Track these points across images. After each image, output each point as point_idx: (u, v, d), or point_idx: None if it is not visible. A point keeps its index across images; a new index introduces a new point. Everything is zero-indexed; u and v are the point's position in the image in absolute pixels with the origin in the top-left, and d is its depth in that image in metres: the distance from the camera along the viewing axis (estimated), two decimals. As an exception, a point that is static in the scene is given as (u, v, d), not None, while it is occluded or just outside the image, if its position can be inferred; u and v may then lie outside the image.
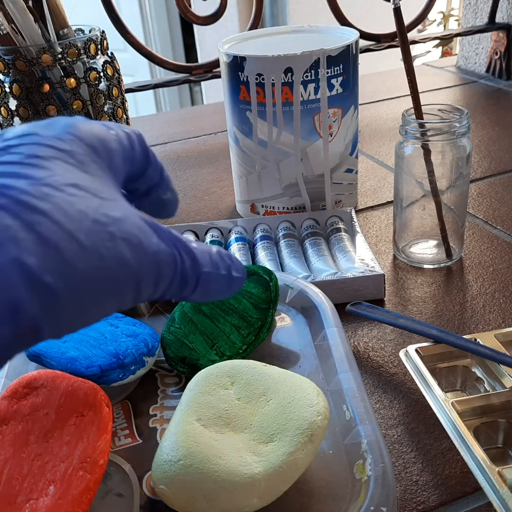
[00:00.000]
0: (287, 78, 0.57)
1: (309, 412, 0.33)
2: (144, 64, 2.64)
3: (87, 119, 0.26)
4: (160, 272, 0.24)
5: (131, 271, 0.23)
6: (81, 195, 0.22)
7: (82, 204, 0.22)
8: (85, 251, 0.21)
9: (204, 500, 0.30)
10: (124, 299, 0.23)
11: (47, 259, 0.20)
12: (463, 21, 1.16)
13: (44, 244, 0.20)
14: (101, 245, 0.21)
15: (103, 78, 0.62)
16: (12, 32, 0.58)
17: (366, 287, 0.52)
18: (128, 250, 0.22)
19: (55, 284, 0.20)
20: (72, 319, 0.22)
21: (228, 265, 0.29)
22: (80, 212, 0.21)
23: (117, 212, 0.23)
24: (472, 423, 0.37)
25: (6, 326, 0.19)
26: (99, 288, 0.22)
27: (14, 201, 0.20)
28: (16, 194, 0.20)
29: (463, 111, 0.52)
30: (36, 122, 0.24)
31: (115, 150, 0.26)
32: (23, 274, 0.19)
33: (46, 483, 0.31)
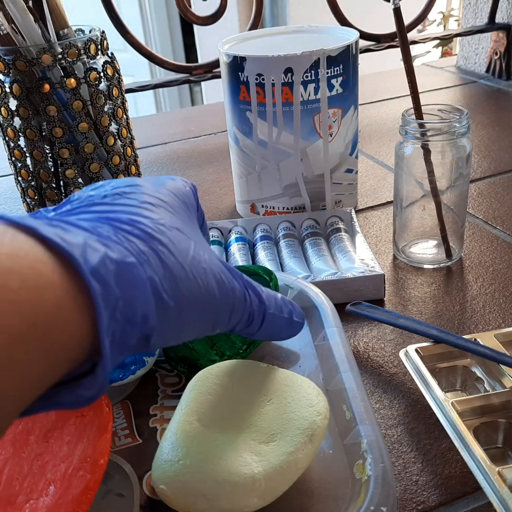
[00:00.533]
0: (287, 78, 0.57)
1: (309, 412, 0.33)
2: (144, 64, 2.64)
3: (170, 176, 0.32)
4: (234, 307, 0.29)
5: (215, 303, 0.28)
6: (182, 236, 0.27)
7: (184, 242, 0.27)
8: (188, 279, 0.26)
9: (204, 500, 0.30)
10: (205, 325, 0.28)
11: (166, 281, 0.25)
12: (463, 21, 1.16)
13: (165, 269, 0.25)
14: (198, 276, 0.26)
15: (103, 78, 0.62)
16: (12, 32, 0.58)
17: (366, 287, 0.52)
18: (215, 284, 0.27)
19: (169, 301, 0.25)
20: (172, 333, 0.26)
21: (290, 310, 0.34)
22: (184, 248, 0.26)
23: (206, 252, 0.28)
24: (472, 423, 0.37)
25: (137, 331, 0.24)
26: (193, 311, 0.26)
27: (143, 233, 0.25)
28: (144, 227, 0.25)
29: (463, 111, 0.52)
30: (135, 178, 0.31)
31: (193, 202, 0.31)
32: (153, 290, 0.24)
33: (46, 483, 0.31)
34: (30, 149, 0.61)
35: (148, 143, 0.95)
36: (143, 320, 0.24)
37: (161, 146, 0.93)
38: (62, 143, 0.61)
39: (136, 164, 0.70)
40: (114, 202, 0.27)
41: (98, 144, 0.63)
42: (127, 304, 0.23)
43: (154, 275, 0.24)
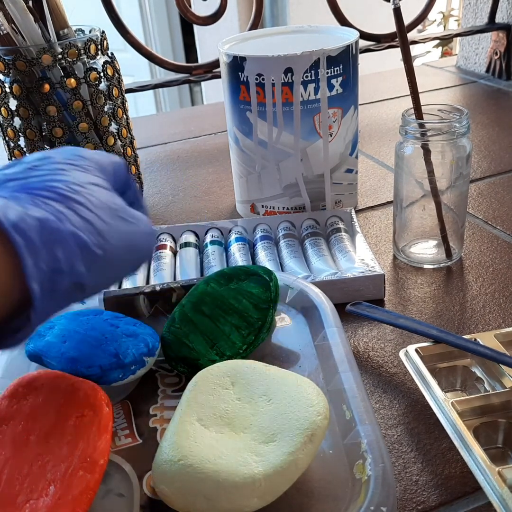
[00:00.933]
0: (287, 78, 0.57)
1: (309, 412, 0.33)
2: (144, 64, 2.64)
3: (86, 149, 0.36)
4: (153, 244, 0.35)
5: (138, 244, 0.32)
6: (98, 189, 0.31)
7: (100, 195, 0.31)
8: (109, 227, 0.30)
9: (204, 500, 0.30)
10: (134, 264, 0.33)
11: (89, 234, 0.29)
12: (463, 21, 1.16)
13: (85, 222, 0.29)
14: (117, 223, 0.30)
15: (103, 78, 0.62)
16: (12, 32, 0.58)
17: (366, 287, 0.52)
18: (133, 228, 0.32)
19: (96, 250, 0.29)
20: (105, 278, 0.31)
21: None
22: (101, 201, 0.30)
23: (121, 201, 0.32)
24: (472, 423, 0.37)
25: (66, 279, 0.28)
26: (121, 255, 0.30)
27: (59, 195, 0.29)
28: (58, 190, 0.29)
29: (463, 111, 0.52)
30: (46, 151, 0.33)
31: (109, 169, 0.34)
32: (77, 242, 0.28)
33: (46, 483, 0.31)
34: (30, 149, 0.61)
35: (148, 143, 0.95)
36: (70, 270, 0.28)
37: (161, 146, 0.93)
38: (62, 143, 0.61)
39: (136, 164, 0.70)
40: (28, 175, 0.30)
41: (98, 144, 0.63)
42: (50, 255, 0.27)
43: (75, 229, 0.28)
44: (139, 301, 0.47)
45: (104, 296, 0.47)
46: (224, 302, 0.44)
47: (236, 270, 0.46)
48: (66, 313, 0.44)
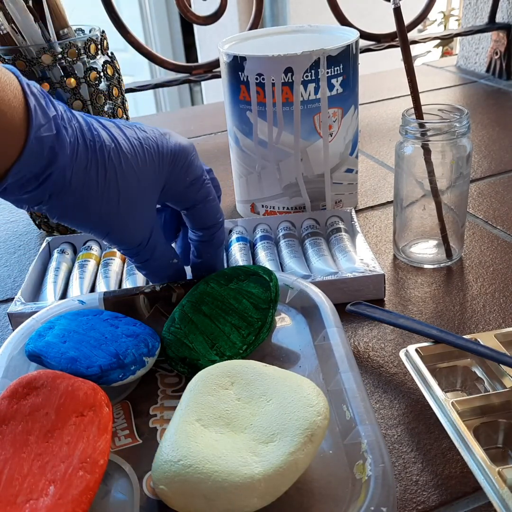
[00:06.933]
0: (287, 78, 0.57)
1: (309, 412, 0.33)
2: (144, 64, 2.64)
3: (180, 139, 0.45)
4: None
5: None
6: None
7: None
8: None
9: (204, 500, 0.30)
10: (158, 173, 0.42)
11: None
12: (463, 21, 1.16)
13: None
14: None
15: (103, 78, 0.62)
16: (12, 32, 0.58)
17: (366, 287, 0.52)
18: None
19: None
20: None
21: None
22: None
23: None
24: (472, 423, 0.37)
25: (47, 150, 0.36)
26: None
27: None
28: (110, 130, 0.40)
29: (463, 111, 0.52)
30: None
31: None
32: (70, 148, 0.37)
33: (46, 483, 0.31)
34: (30, 149, 0.61)
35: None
36: (51, 152, 0.36)
37: (161, 146, 0.93)
38: (62, 143, 0.60)
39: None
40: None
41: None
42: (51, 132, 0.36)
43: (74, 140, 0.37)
44: (139, 301, 0.47)
45: (104, 296, 0.47)
46: (224, 302, 0.44)
47: (236, 270, 0.46)
48: (66, 313, 0.44)
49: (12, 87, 0.35)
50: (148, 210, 0.42)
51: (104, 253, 0.59)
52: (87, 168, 0.38)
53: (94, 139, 0.38)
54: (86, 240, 0.62)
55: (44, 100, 0.36)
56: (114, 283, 0.55)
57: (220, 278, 0.46)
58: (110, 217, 0.40)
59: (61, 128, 0.36)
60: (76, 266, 0.58)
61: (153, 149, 0.41)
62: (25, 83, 0.36)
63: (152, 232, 0.43)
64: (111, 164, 0.39)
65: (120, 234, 0.42)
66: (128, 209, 0.40)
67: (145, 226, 0.43)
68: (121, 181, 0.39)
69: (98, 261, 0.59)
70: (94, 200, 0.39)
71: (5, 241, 0.69)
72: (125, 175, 0.39)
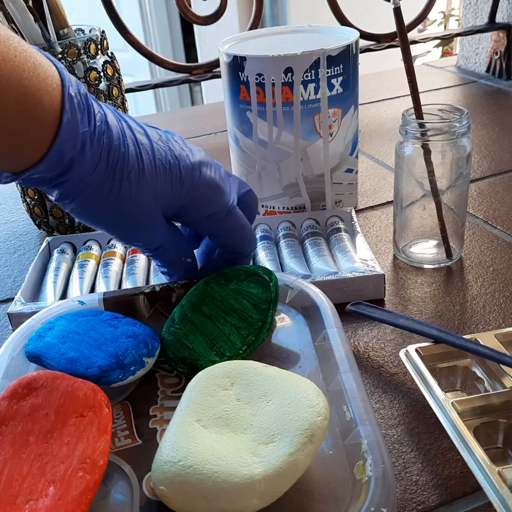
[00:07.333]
0: (287, 78, 0.57)
1: (309, 412, 0.33)
2: (144, 64, 2.64)
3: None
4: None
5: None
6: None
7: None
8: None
9: (204, 501, 0.30)
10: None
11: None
12: (463, 21, 1.16)
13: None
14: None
15: (103, 78, 0.62)
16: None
17: (366, 287, 0.52)
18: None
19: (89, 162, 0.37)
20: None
21: None
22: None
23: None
24: (472, 423, 0.37)
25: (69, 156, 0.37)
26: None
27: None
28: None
29: (463, 111, 0.52)
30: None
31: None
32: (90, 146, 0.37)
33: (46, 483, 0.31)
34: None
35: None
36: (69, 164, 0.36)
37: (161, 146, 0.93)
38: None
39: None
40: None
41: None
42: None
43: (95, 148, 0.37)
44: (138, 301, 0.47)
45: (104, 297, 0.47)
46: (224, 302, 0.44)
47: (236, 270, 0.46)
48: (65, 314, 0.44)
49: (52, 95, 0.34)
50: (157, 226, 0.42)
51: (104, 253, 0.59)
52: (102, 183, 0.38)
53: (118, 157, 0.38)
54: (86, 240, 0.62)
55: (82, 113, 0.36)
56: (114, 283, 0.55)
57: (220, 279, 0.46)
58: (117, 226, 0.41)
59: (87, 144, 0.36)
60: (76, 266, 0.58)
61: (176, 178, 0.40)
62: (67, 93, 0.35)
63: (162, 243, 0.44)
64: (127, 183, 0.38)
65: (126, 239, 0.43)
66: (136, 224, 0.41)
67: (153, 238, 0.43)
68: (134, 198, 0.39)
69: (98, 261, 0.59)
70: (104, 208, 0.39)
71: (5, 241, 0.69)
72: (139, 194, 0.39)
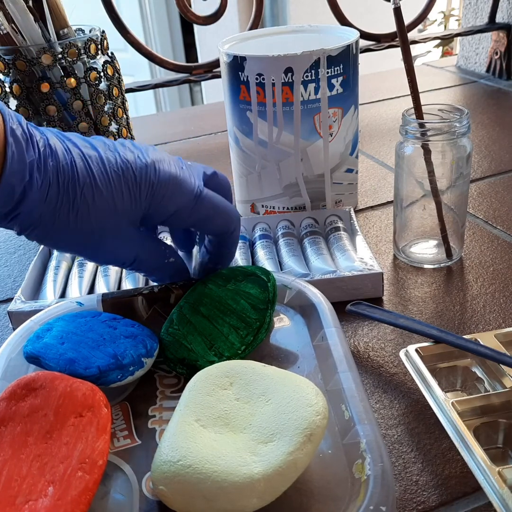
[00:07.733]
0: (287, 78, 0.57)
1: (308, 412, 0.33)
2: (144, 64, 2.64)
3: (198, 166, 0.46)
4: None
5: None
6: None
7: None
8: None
9: (204, 501, 0.30)
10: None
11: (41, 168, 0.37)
12: (463, 21, 1.16)
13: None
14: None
15: (103, 78, 0.62)
16: (12, 32, 0.58)
17: (365, 286, 0.52)
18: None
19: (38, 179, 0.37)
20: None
21: None
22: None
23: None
24: (472, 423, 0.36)
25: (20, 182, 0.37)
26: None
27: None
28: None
29: (463, 111, 0.52)
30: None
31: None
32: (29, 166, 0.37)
33: (45, 484, 0.31)
34: (30, 149, 0.61)
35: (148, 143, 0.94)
36: (21, 195, 0.36)
37: (161, 146, 0.93)
38: (61, 143, 0.60)
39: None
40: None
41: (97, 144, 0.63)
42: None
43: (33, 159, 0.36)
44: (137, 302, 0.47)
45: (102, 298, 0.47)
46: (222, 303, 0.44)
47: (234, 270, 0.46)
48: (64, 315, 0.44)
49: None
50: (126, 240, 0.42)
51: (104, 253, 0.59)
52: (56, 208, 0.38)
53: (69, 177, 0.38)
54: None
55: (25, 142, 0.36)
56: (113, 281, 0.55)
57: (217, 279, 0.46)
58: (84, 246, 0.41)
59: (35, 172, 0.36)
60: (76, 265, 0.58)
61: (131, 182, 0.40)
62: (9, 127, 0.35)
63: (136, 254, 0.43)
64: (83, 201, 0.38)
65: (96, 259, 0.43)
66: (103, 241, 0.41)
67: (125, 253, 0.43)
68: (93, 215, 0.39)
69: (97, 261, 0.59)
70: (65, 232, 0.39)
71: (5, 241, 0.69)
72: (98, 210, 0.39)
